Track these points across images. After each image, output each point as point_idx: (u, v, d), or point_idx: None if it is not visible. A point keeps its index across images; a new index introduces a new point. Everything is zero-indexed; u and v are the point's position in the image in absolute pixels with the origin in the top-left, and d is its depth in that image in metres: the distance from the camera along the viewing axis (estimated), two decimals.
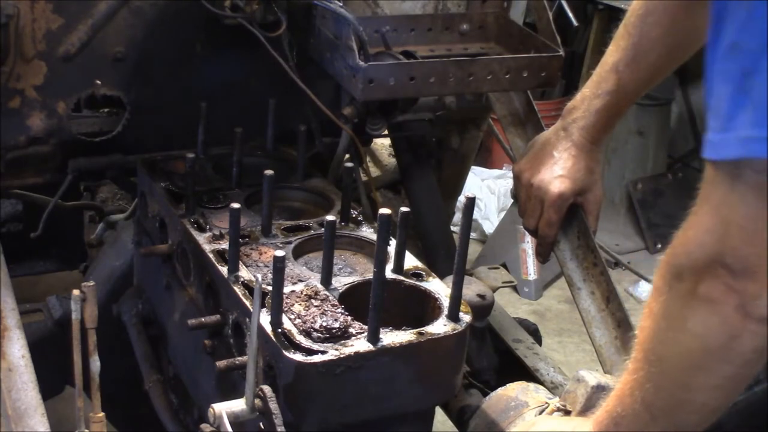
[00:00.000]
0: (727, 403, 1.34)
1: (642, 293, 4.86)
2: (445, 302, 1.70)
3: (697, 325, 1.26)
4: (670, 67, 2.12)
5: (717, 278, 1.22)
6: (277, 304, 1.58)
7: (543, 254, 2.24)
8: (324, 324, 1.59)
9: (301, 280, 1.74)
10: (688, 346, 1.28)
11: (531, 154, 2.17)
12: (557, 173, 2.11)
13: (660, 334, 1.32)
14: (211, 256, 1.82)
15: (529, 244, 4.73)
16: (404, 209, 1.71)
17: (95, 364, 1.66)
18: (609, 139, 2.24)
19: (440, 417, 1.93)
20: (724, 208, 1.21)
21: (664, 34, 1.97)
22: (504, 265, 3.01)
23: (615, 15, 5.64)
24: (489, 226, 5.26)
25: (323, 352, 1.54)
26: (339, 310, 1.64)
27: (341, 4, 2.03)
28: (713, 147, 1.19)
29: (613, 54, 2.08)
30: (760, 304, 1.20)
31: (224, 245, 1.83)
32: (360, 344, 1.57)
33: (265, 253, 1.84)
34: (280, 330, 1.58)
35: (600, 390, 1.65)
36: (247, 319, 1.62)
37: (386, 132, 2.51)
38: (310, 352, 1.54)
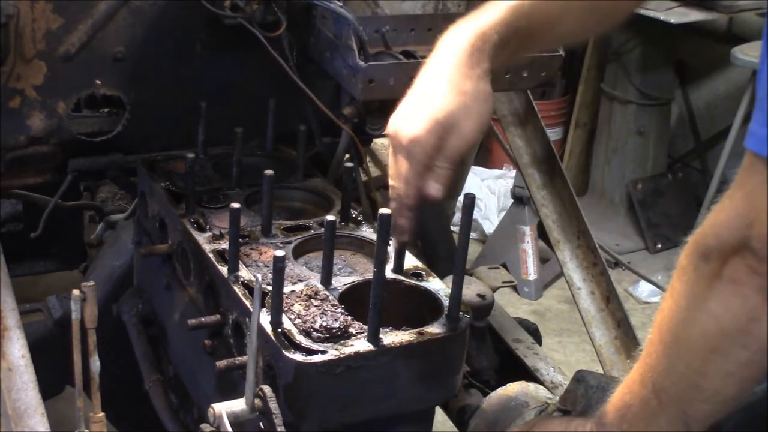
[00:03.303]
0: (738, 395, 1.34)
1: (642, 293, 4.86)
2: (445, 302, 1.70)
3: (718, 305, 1.27)
4: (579, 36, 1.89)
5: (743, 260, 1.24)
6: (277, 304, 1.58)
7: (398, 227, 1.65)
8: (324, 324, 1.59)
9: (301, 280, 1.74)
10: (706, 328, 1.29)
11: None
12: (413, 111, 1.59)
13: (680, 314, 1.33)
14: (211, 256, 1.82)
15: (529, 244, 4.73)
16: None
17: (95, 364, 1.66)
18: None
19: (440, 417, 1.93)
20: (757, 195, 1.23)
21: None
22: (504, 265, 3.01)
23: None
24: (489, 226, 5.26)
25: (323, 352, 1.54)
26: (339, 310, 1.64)
27: (341, 4, 2.03)
28: (757, 140, 1.23)
29: None
30: None
31: (224, 245, 1.83)
32: (360, 344, 1.57)
33: (265, 253, 1.84)
34: (280, 330, 1.58)
35: (600, 390, 1.65)
36: (247, 319, 1.62)
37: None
38: (310, 352, 1.54)
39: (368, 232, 1.93)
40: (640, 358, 1.41)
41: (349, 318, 1.62)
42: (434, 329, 1.64)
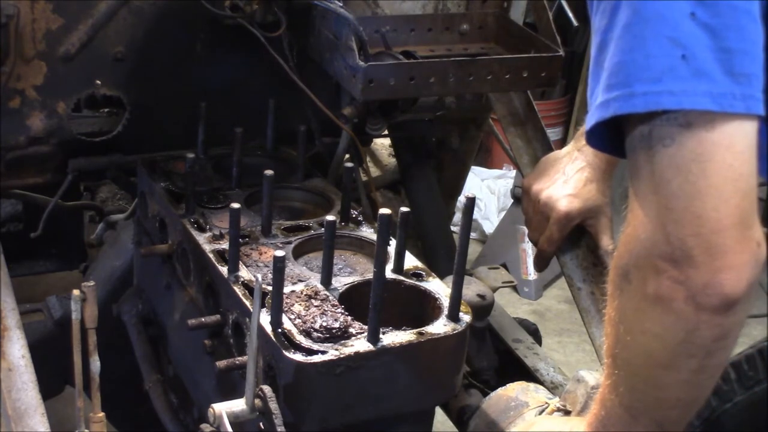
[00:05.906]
0: (704, 393, 1.33)
1: None
2: (445, 302, 1.70)
3: (653, 325, 1.25)
4: None
5: (662, 273, 1.20)
6: (277, 304, 1.58)
7: (539, 265, 2.21)
8: (324, 324, 1.59)
9: (301, 280, 1.74)
10: (650, 347, 1.27)
11: (541, 169, 2.14)
12: (567, 192, 2.05)
13: (621, 339, 1.32)
14: (211, 256, 1.82)
15: (529, 245, 4.73)
16: (404, 209, 1.72)
17: (95, 364, 1.66)
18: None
19: (440, 417, 1.93)
20: (647, 196, 1.20)
21: None
22: (504, 265, 3.00)
23: None
24: (489, 226, 5.26)
25: (323, 352, 1.54)
26: (339, 310, 1.64)
27: (341, 4, 2.03)
28: (587, 131, 1.25)
29: None
30: (709, 293, 1.18)
31: (224, 245, 1.83)
32: (360, 344, 1.57)
33: (265, 253, 1.84)
34: (280, 330, 1.58)
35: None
36: (247, 319, 1.62)
37: (386, 132, 2.50)
38: (310, 352, 1.54)
39: (368, 232, 1.93)
40: (604, 378, 1.41)
41: (349, 318, 1.62)
42: (434, 329, 1.64)
